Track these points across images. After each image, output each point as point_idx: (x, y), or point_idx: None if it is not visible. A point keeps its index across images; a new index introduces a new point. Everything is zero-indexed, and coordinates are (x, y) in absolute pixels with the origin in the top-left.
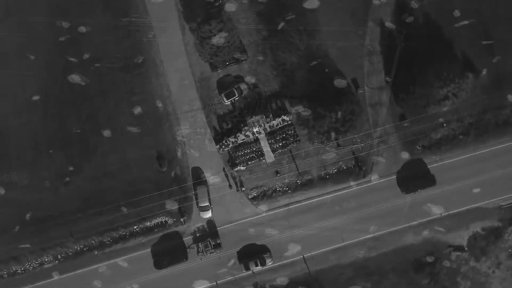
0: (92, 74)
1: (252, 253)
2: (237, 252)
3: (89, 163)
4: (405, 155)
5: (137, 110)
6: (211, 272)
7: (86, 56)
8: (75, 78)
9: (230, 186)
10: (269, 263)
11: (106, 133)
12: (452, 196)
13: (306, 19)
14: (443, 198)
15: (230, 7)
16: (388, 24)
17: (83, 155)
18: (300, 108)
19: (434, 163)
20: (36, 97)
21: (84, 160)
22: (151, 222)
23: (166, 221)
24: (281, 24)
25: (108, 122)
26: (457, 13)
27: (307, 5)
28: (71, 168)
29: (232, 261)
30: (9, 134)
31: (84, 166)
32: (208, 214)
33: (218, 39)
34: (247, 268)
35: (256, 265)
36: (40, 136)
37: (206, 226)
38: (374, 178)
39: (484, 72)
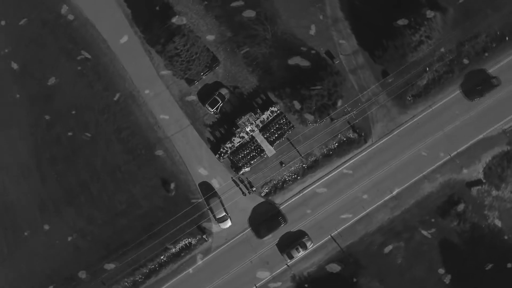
0: (74, 123)
1: (290, 242)
2: (276, 245)
3: (99, 209)
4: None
5: (129, 144)
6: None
7: (63, 108)
8: (60, 132)
9: (243, 193)
10: (310, 245)
11: (106, 176)
12: (455, 135)
13: (264, 8)
14: (447, 140)
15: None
16: None
17: (90, 204)
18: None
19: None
20: (29, 162)
21: (93, 208)
22: (175, 248)
23: (190, 243)
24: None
25: (105, 165)
26: None
27: None
28: (83, 220)
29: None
30: (13, 206)
31: (95, 214)
32: (227, 224)
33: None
34: (291, 257)
35: (298, 251)
36: (44, 199)
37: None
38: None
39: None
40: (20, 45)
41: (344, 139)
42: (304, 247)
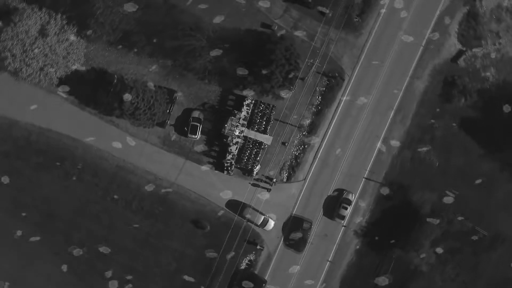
0: (86, 223)
1: (334, 205)
2: (324, 214)
3: (154, 281)
4: None
5: (144, 211)
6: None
7: (69, 217)
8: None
9: (267, 189)
10: (353, 197)
11: (142, 249)
12: (414, 25)
13: (185, 22)
14: (410, 33)
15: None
16: None
17: (144, 280)
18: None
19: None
20: (70, 279)
21: (148, 283)
22: (241, 273)
23: (250, 260)
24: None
25: (135, 241)
26: None
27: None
28: None
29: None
30: None
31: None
32: (271, 225)
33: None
34: (342, 217)
35: (346, 208)
36: None
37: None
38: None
39: None
40: None
41: (324, 88)
42: (348, 201)
